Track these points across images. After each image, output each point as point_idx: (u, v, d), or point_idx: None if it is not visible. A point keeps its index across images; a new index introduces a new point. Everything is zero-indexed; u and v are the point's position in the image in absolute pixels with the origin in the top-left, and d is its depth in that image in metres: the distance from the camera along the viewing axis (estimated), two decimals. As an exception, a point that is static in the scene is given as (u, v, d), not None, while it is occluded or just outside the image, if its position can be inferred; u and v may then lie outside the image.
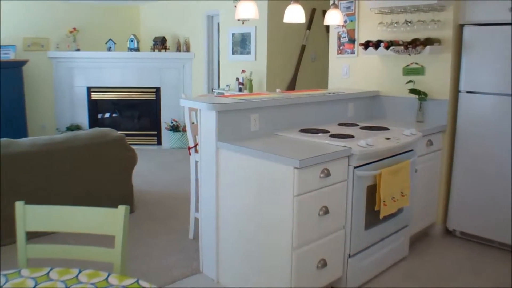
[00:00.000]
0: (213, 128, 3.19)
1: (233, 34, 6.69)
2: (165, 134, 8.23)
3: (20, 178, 4.08)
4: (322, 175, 2.87)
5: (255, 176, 2.98)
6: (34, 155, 4.14)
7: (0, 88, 7.32)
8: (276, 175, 2.84)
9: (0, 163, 3.95)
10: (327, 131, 3.51)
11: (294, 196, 2.75)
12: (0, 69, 7.31)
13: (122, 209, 1.87)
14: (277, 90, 4.74)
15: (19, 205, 1.91)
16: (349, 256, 3.21)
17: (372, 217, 3.28)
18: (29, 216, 1.94)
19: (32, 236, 2.01)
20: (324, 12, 6.74)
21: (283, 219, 2.83)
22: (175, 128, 8.05)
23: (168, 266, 3.65)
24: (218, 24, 7.44)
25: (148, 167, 6.71)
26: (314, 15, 6.76)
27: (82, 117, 8.40)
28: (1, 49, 7.59)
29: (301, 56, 6.72)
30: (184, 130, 7.98)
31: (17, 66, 7.56)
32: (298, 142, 3.20)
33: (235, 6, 6.45)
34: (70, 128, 8.18)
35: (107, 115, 8.67)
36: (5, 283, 1.63)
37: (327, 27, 6.62)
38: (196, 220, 4.04)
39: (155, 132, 8.36)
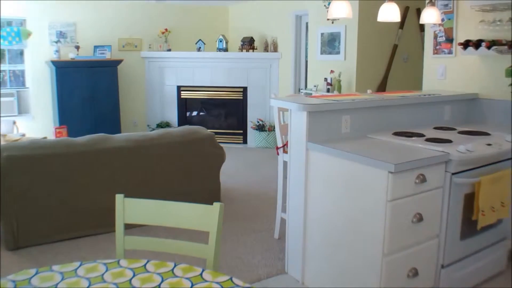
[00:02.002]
0: (303, 129, 3.15)
1: (322, 34, 6.62)
2: (251, 133, 8.32)
3: (115, 172, 4.28)
4: (417, 181, 2.75)
5: (345, 179, 2.92)
6: (129, 150, 4.33)
7: (97, 86, 7.75)
8: (368, 178, 2.75)
9: (99, 157, 4.17)
10: (422, 135, 3.36)
11: (387, 201, 2.65)
12: (97, 68, 7.74)
13: (217, 206, 1.89)
14: (368, 91, 4.62)
15: (119, 198, 1.99)
16: (442, 266, 3.06)
17: (469, 227, 3.10)
18: (128, 208, 2.01)
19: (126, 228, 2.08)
20: (418, 10, 6.51)
21: (374, 224, 2.74)
22: (261, 127, 8.10)
23: (253, 265, 3.67)
24: (307, 23, 7.39)
25: (234, 165, 6.80)
26: (407, 13, 6.52)
27: (171, 114, 8.69)
28: (98, 49, 8.02)
29: (392, 56, 6.51)
30: (270, 130, 8.01)
31: (112, 65, 7.96)
32: (391, 145, 3.09)
33: (325, 6, 6.42)
34: (160, 125, 8.49)
35: (194, 113, 8.90)
36: (105, 272, 1.70)
37: (422, 26, 6.38)
38: (282, 220, 4.04)
39: (241, 131, 8.47)
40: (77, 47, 7.79)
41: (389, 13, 3.70)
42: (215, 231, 1.90)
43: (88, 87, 7.69)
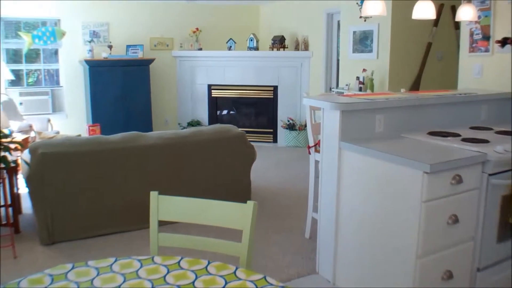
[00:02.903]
0: (336, 128, 3.12)
1: (354, 32, 6.55)
2: (281, 132, 8.29)
3: (147, 169, 4.33)
4: (453, 182, 2.69)
5: (379, 179, 2.87)
6: (161, 147, 4.37)
7: (129, 85, 7.85)
8: (403, 179, 2.70)
9: (131, 154, 4.22)
10: (458, 135, 3.29)
11: (421, 202, 2.60)
12: (129, 67, 7.85)
13: (251, 204, 1.89)
14: (402, 90, 4.56)
15: (153, 195, 2.00)
16: (478, 270, 2.98)
17: (506, 229, 3.01)
18: (162, 206, 2.02)
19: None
20: (453, 7, 6.38)
21: (408, 225, 2.69)
22: (291, 126, 8.07)
23: (284, 264, 3.66)
24: (338, 22, 7.33)
25: (264, 164, 6.79)
26: (442, 11, 6.40)
27: (202, 113, 8.74)
28: (130, 48, 8.12)
29: (426, 55, 6.40)
30: (300, 129, 7.97)
31: (144, 64, 8.05)
32: (426, 145, 3.03)
33: (358, 4, 6.35)
34: (191, 123, 8.55)
35: (224, 112, 8.93)
36: (139, 268, 1.71)
37: (457, 23, 6.25)
38: (313, 220, 4.01)
39: (271, 130, 8.46)
40: (110, 47, 7.91)
41: (424, 11, 3.64)
42: (249, 230, 1.90)
43: (121, 85, 7.80)
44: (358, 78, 6.34)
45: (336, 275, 3.33)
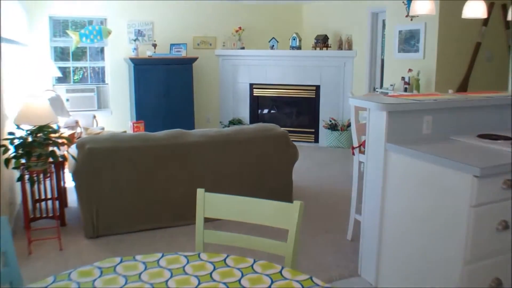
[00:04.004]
0: (383, 129, 3.06)
1: (399, 31, 6.43)
2: (323, 132, 8.23)
3: (190, 166, 4.37)
4: (504, 186, 2.59)
5: (426, 182, 2.80)
6: (204, 145, 4.40)
7: (172, 83, 7.95)
8: (451, 182, 2.63)
9: (173, 151, 4.26)
10: (509, 138, 3.17)
11: (470, 207, 2.52)
12: (173, 65, 7.95)
13: (297, 204, 1.87)
14: (449, 91, 4.44)
15: (200, 192, 2.01)
16: (529, 278, 2.87)
17: (560, 237, 2.89)
18: (208, 203, 2.02)
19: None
20: (504, 6, 6.18)
21: (456, 230, 2.61)
22: (333, 127, 8.00)
23: (325, 265, 3.63)
24: (383, 21, 7.21)
25: (305, 164, 6.76)
26: (492, 10, 6.20)
27: (243, 112, 8.77)
28: (174, 47, 8.22)
29: (475, 55, 6.22)
30: (342, 129, 7.89)
31: (187, 62, 8.13)
32: (476, 148, 2.94)
33: (404, 3, 6.24)
34: (232, 122, 8.59)
35: (265, 111, 8.93)
36: (186, 264, 1.72)
37: (507, 23, 6.06)
38: (356, 221, 3.96)
39: (313, 130, 8.40)
40: (154, 45, 8.02)
41: (475, 10, 3.55)
42: (295, 229, 1.88)
43: (164, 83, 7.91)
44: (403, 78, 6.22)
45: (379, 278, 3.27)
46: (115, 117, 8.19)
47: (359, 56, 7.79)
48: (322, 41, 8.17)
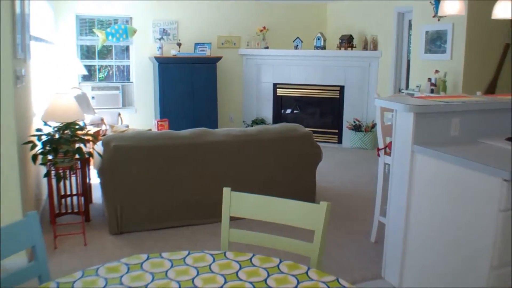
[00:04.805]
0: (409, 131, 3.02)
1: (426, 32, 6.35)
2: (346, 133, 8.17)
3: (214, 165, 4.38)
4: (534, 191, 2.54)
5: (454, 185, 2.75)
6: (228, 144, 4.41)
7: (196, 82, 7.99)
8: (479, 186, 2.58)
9: (197, 150, 4.28)
10: (540, 141, 3.10)
11: (499, 211, 2.47)
12: (197, 64, 7.99)
13: (324, 205, 1.86)
14: (477, 93, 4.36)
15: (226, 191, 2.01)
16: (559, 285, 2.80)
17: None
18: (234, 202, 2.02)
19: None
20: (535, 8, 6.04)
21: (484, 235, 2.56)
22: (357, 127, 7.93)
23: (348, 267, 3.60)
24: (410, 21, 7.13)
25: (328, 165, 6.72)
26: (522, 11, 6.08)
27: (266, 111, 8.76)
28: (198, 46, 8.26)
29: (503, 56, 6.10)
30: (367, 130, 7.82)
31: (211, 62, 8.16)
32: (505, 151, 2.88)
33: (431, 3, 6.15)
34: (255, 122, 8.59)
35: (288, 111, 8.91)
36: (212, 262, 1.73)
37: (538, 24, 5.92)
38: (380, 223, 3.92)
39: (336, 131, 8.34)
40: (179, 44, 8.07)
41: (506, 10, 3.47)
42: (321, 230, 1.87)
43: (188, 82, 7.95)
44: (429, 79, 6.14)
45: (403, 281, 3.23)
46: (140, 115, 8.26)
47: (384, 57, 7.71)
48: (347, 41, 8.11)
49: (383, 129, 3.76)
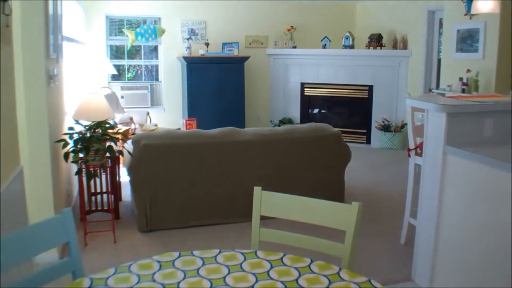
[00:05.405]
0: (442, 131, 2.97)
1: (458, 31, 6.23)
2: (375, 133, 8.08)
3: (242, 164, 4.39)
4: None
5: (487, 187, 2.69)
6: (256, 144, 4.41)
7: (224, 81, 8.02)
8: (515, 187, 2.52)
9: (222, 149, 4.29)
10: None
11: (535, 213, 2.41)
12: (225, 64, 8.01)
13: (356, 205, 1.84)
14: (511, 92, 4.26)
15: (257, 190, 2.01)
16: None
17: None
18: (265, 201, 2.02)
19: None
20: None
21: (519, 238, 2.50)
22: (386, 128, 7.84)
23: (378, 269, 3.56)
24: (440, 19, 7.01)
25: (356, 165, 6.64)
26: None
27: (294, 111, 8.73)
28: (226, 46, 8.28)
29: (538, 56, 5.95)
30: (396, 131, 7.72)
31: (239, 61, 8.18)
32: (542, 152, 2.80)
33: (463, 1, 6.03)
34: (282, 121, 8.57)
35: (315, 110, 8.86)
36: (243, 261, 1.72)
37: None
38: (410, 225, 3.86)
39: (365, 131, 8.26)
40: (207, 44, 8.11)
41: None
42: (353, 231, 1.85)
43: (216, 82, 7.98)
44: (461, 79, 6.02)
45: (433, 284, 3.17)
46: (168, 114, 8.34)
47: (414, 56, 7.60)
48: (376, 40, 8.02)
49: (414, 130, 3.71)
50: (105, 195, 4.55)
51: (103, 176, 4.31)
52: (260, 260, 1.74)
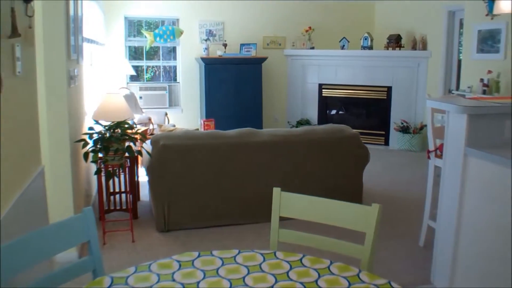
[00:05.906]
0: (462, 133, 2.93)
1: (479, 31, 6.15)
2: (393, 134, 8.02)
3: (260, 165, 4.39)
4: None
5: (509, 190, 2.65)
6: (274, 144, 4.40)
7: (242, 82, 8.03)
8: (538, 190, 2.48)
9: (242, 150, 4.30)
10: None
11: (559, 217, 2.37)
12: (243, 65, 8.03)
13: (376, 207, 1.83)
14: (534, 94, 4.19)
15: (276, 191, 2.00)
16: None
17: None
18: (284, 202, 2.01)
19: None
20: None
21: (542, 242, 2.46)
22: (405, 129, 7.77)
23: (396, 271, 3.54)
24: (461, 20, 6.93)
25: (375, 166, 6.59)
26: None
27: (311, 112, 8.70)
28: (244, 47, 8.29)
29: (561, 56, 5.85)
30: (415, 132, 7.65)
31: (257, 62, 8.18)
32: None
33: (484, 1, 5.95)
34: (300, 122, 8.55)
35: (333, 111, 8.82)
36: (262, 262, 1.72)
37: None
38: (429, 228, 3.82)
39: (383, 132, 8.20)
40: (225, 45, 8.14)
41: None
42: (372, 233, 1.84)
43: (234, 83, 8.00)
44: (482, 80, 5.95)
45: (453, 287, 3.13)
46: (186, 115, 8.38)
47: (434, 57, 7.52)
48: (395, 41, 7.96)
49: (434, 131, 3.67)
50: (123, 195, 4.59)
51: (122, 176, 4.35)
52: (280, 261, 1.74)
